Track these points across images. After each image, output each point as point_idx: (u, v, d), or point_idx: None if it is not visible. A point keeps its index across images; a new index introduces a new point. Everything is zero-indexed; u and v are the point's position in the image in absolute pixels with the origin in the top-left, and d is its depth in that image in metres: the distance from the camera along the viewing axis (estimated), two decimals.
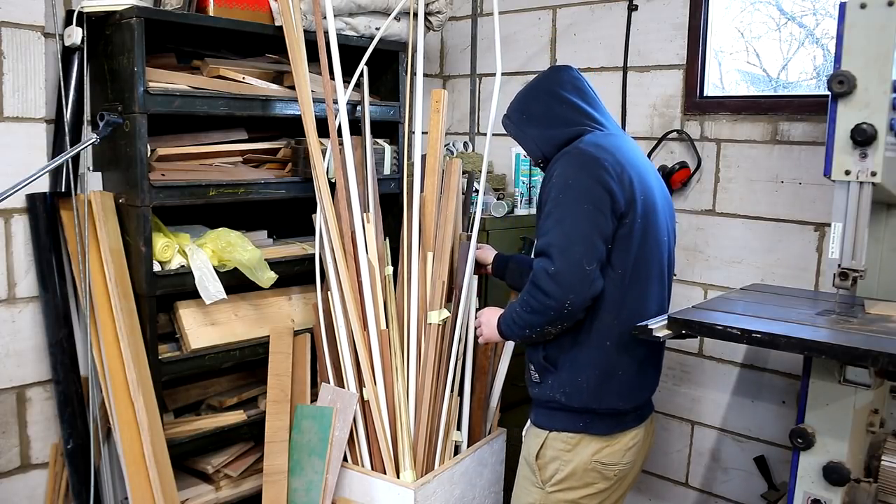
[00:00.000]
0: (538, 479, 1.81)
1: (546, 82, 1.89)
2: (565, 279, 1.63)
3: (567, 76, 1.89)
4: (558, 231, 1.65)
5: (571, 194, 1.66)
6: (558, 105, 1.84)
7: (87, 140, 1.89)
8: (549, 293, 1.64)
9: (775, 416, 2.39)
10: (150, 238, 2.03)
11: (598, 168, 1.67)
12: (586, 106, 1.85)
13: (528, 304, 1.70)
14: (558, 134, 1.81)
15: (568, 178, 1.68)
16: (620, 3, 2.64)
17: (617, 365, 1.74)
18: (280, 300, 2.39)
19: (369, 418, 2.16)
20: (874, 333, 1.57)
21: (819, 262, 2.28)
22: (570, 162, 1.70)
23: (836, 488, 1.63)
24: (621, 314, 1.72)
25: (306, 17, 2.28)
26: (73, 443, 2.10)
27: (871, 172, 1.60)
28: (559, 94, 1.85)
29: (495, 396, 2.40)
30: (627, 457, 1.80)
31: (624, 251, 1.70)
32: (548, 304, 1.65)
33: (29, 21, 2.02)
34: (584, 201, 1.65)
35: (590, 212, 1.64)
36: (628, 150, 1.80)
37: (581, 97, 1.86)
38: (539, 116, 1.86)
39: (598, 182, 1.66)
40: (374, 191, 2.31)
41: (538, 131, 1.85)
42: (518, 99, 1.94)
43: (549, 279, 1.64)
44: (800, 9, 2.46)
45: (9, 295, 2.06)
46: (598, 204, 1.65)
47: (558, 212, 1.66)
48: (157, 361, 2.07)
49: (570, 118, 1.83)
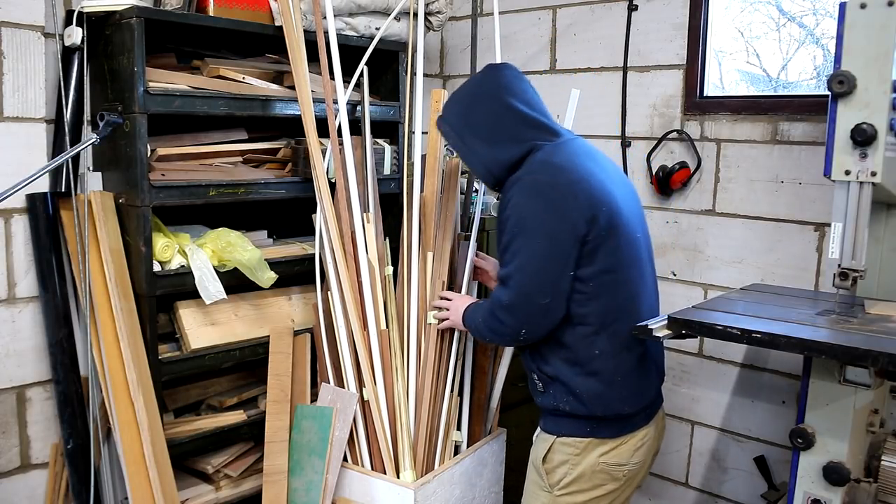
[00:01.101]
0: (546, 483, 1.80)
1: (488, 85, 1.80)
2: (519, 312, 1.69)
3: (510, 77, 1.81)
4: (515, 264, 1.67)
5: (526, 227, 1.65)
6: (504, 114, 1.76)
7: (87, 140, 1.89)
8: (503, 322, 1.72)
9: (775, 416, 2.39)
10: (150, 238, 2.03)
11: (552, 196, 1.64)
12: (532, 113, 1.78)
13: (489, 325, 1.79)
14: (506, 154, 1.75)
15: (521, 210, 1.66)
16: (620, 3, 2.64)
17: (614, 372, 1.72)
18: (280, 300, 2.39)
19: (369, 418, 2.16)
20: (874, 333, 1.57)
21: (819, 262, 2.28)
22: (523, 191, 1.67)
23: (836, 488, 1.63)
24: (609, 323, 1.71)
25: (306, 17, 2.28)
26: (73, 443, 2.10)
27: (871, 172, 1.60)
28: (504, 100, 1.76)
29: (495, 396, 2.39)
30: (636, 456, 1.79)
31: (595, 265, 1.67)
32: (503, 332, 1.75)
33: (29, 21, 2.02)
34: (537, 235, 1.64)
35: (545, 245, 1.64)
36: (582, 155, 1.75)
37: (526, 103, 1.78)
38: (483, 127, 1.77)
39: (553, 212, 1.64)
40: (374, 191, 2.31)
41: (485, 149, 1.77)
42: (457, 101, 1.84)
43: (504, 310, 1.71)
44: (800, 9, 2.46)
45: (9, 295, 2.06)
46: (554, 235, 1.64)
47: (514, 244, 1.67)
48: (157, 361, 2.07)
49: (518, 133, 1.75)
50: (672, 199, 2.56)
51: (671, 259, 2.58)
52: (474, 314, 1.90)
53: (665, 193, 2.55)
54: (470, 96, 1.82)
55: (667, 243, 2.58)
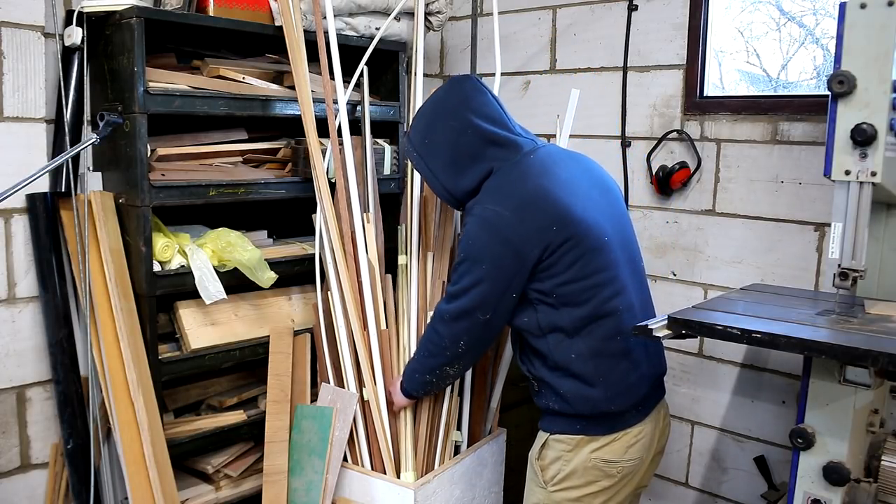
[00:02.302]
0: (541, 480, 1.84)
1: (450, 101, 1.84)
2: (459, 324, 1.80)
3: (470, 90, 1.84)
4: (461, 285, 1.77)
5: (472, 254, 1.75)
6: (463, 132, 1.80)
7: (87, 140, 1.89)
8: (441, 334, 1.84)
9: (775, 416, 2.39)
10: (150, 238, 2.03)
11: (500, 226, 1.71)
12: (492, 128, 1.81)
13: (426, 347, 1.90)
14: (466, 180, 1.82)
15: (471, 238, 1.76)
16: (620, 3, 2.64)
17: (594, 374, 1.74)
18: (280, 300, 2.39)
19: (369, 418, 2.16)
20: (874, 333, 1.56)
21: (819, 262, 2.28)
22: (475, 222, 1.76)
23: (836, 488, 1.63)
24: (581, 328, 1.73)
25: (306, 17, 2.28)
26: (73, 443, 2.10)
27: (871, 172, 1.60)
28: (465, 118, 1.80)
29: (495, 396, 2.40)
30: (630, 454, 1.79)
31: (555, 279, 1.71)
32: (442, 345, 1.85)
33: (29, 21, 2.02)
34: (484, 262, 1.73)
35: (490, 271, 1.73)
36: (540, 168, 1.77)
37: (486, 117, 1.81)
38: (443, 146, 1.82)
39: (500, 244, 1.72)
40: (374, 191, 2.32)
41: (446, 174, 1.83)
42: (421, 116, 1.89)
43: (443, 322, 1.83)
44: (800, 9, 2.46)
45: (9, 295, 2.06)
46: (499, 263, 1.72)
47: (462, 267, 1.77)
48: (157, 361, 2.07)
49: (477, 152, 1.80)
50: (672, 199, 2.56)
51: (671, 259, 2.58)
52: (406, 369, 2.03)
53: (665, 193, 2.55)
54: (432, 114, 1.87)
55: (667, 243, 2.58)
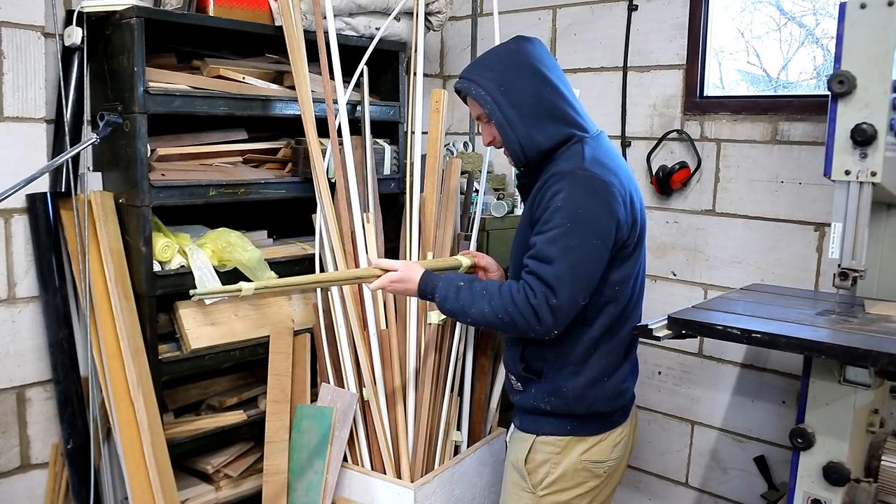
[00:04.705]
0: (528, 484, 1.77)
1: (525, 56, 1.64)
2: (563, 313, 1.58)
3: (546, 54, 1.67)
4: (565, 263, 1.55)
5: (581, 225, 1.55)
6: (546, 91, 1.63)
7: (87, 140, 1.89)
8: (543, 321, 1.58)
9: (775, 416, 2.39)
10: (150, 238, 2.03)
11: (608, 196, 1.57)
12: (571, 99, 1.67)
13: (508, 313, 1.60)
14: (543, 137, 1.64)
15: (578, 207, 1.56)
16: (620, 3, 2.64)
17: (603, 372, 1.72)
18: (280, 300, 2.39)
19: (369, 418, 2.16)
20: (874, 333, 1.57)
21: (819, 262, 2.28)
22: (578, 186, 1.57)
23: (836, 488, 1.63)
24: (612, 325, 1.70)
25: (306, 17, 2.28)
26: (73, 443, 2.10)
27: (871, 172, 1.60)
28: (544, 75, 1.63)
29: (495, 397, 2.40)
30: (615, 453, 1.79)
31: (623, 270, 1.67)
32: (535, 329, 1.59)
33: (29, 21, 2.02)
34: (593, 235, 1.56)
35: (598, 247, 1.57)
36: (615, 155, 1.72)
37: (565, 86, 1.67)
38: (524, 101, 1.62)
39: (609, 213, 1.57)
40: (374, 191, 2.32)
41: (522, 126, 1.63)
42: (488, 67, 1.66)
43: (549, 310, 1.57)
44: (800, 9, 2.46)
45: (9, 295, 2.06)
46: (606, 238, 1.58)
47: (565, 241, 1.55)
48: (157, 361, 2.07)
49: (561, 114, 1.64)
50: (672, 198, 2.56)
51: (671, 259, 2.58)
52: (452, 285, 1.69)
53: (665, 193, 2.55)
54: (503, 64, 1.64)
55: (667, 243, 2.58)
